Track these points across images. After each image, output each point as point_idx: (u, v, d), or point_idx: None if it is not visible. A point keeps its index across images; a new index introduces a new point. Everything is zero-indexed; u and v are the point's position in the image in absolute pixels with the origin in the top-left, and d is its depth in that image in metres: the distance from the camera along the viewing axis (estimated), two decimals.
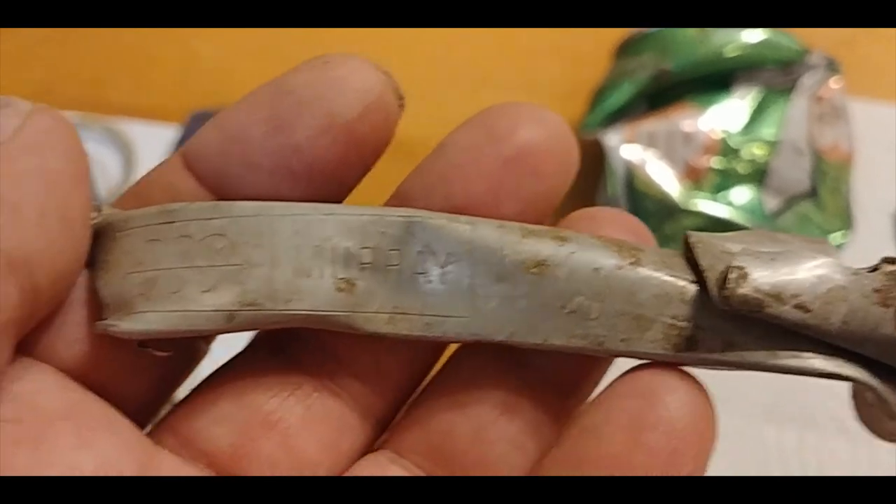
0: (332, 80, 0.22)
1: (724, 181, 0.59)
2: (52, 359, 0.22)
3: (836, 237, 0.59)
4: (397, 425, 0.24)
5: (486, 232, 0.22)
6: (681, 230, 0.58)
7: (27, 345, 0.21)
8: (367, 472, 0.23)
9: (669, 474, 0.20)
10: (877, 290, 0.21)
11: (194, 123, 0.66)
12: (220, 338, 0.24)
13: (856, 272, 0.21)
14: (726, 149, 0.59)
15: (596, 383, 0.24)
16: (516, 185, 0.23)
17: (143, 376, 0.23)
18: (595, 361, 0.24)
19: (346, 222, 0.22)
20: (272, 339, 0.24)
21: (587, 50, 0.66)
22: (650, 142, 0.59)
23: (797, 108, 0.60)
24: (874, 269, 0.21)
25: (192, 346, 0.24)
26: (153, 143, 0.65)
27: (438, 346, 0.24)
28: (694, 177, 0.59)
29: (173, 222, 0.21)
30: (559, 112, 0.23)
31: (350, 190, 0.24)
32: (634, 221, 0.24)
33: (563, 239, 0.22)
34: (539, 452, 0.23)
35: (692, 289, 0.22)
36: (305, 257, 0.21)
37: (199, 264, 0.21)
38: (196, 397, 0.24)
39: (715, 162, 0.59)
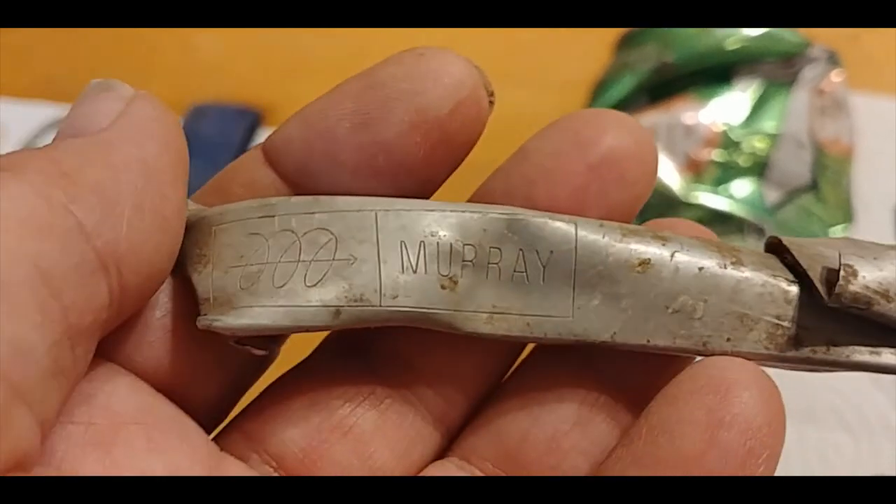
0: (424, 73, 0.21)
1: (724, 174, 0.59)
2: (124, 360, 0.21)
3: (836, 230, 0.59)
4: (466, 432, 0.24)
5: (589, 231, 0.22)
6: None
7: (100, 346, 0.20)
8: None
9: (743, 474, 0.19)
10: None
11: (194, 116, 0.66)
12: None
13: None
14: (727, 141, 0.59)
15: None
16: (600, 192, 0.22)
17: (214, 379, 0.23)
18: (669, 368, 0.23)
19: (447, 218, 0.21)
20: (343, 345, 0.24)
21: (588, 42, 0.66)
22: (651, 134, 0.59)
23: (798, 101, 0.60)
24: None
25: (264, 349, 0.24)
26: None
27: (512, 353, 0.24)
28: (695, 169, 0.59)
29: (273, 216, 0.21)
30: (561, 104, 0.23)
31: (437, 188, 0.23)
32: (707, 231, 0.24)
33: (664, 239, 0.22)
34: None
35: (794, 289, 0.22)
36: (411, 253, 0.21)
37: (304, 259, 0.21)
38: (267, 400, 0.23)
39: (716, 155, 0.59)
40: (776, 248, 0.23)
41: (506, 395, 0.24)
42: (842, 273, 0.21)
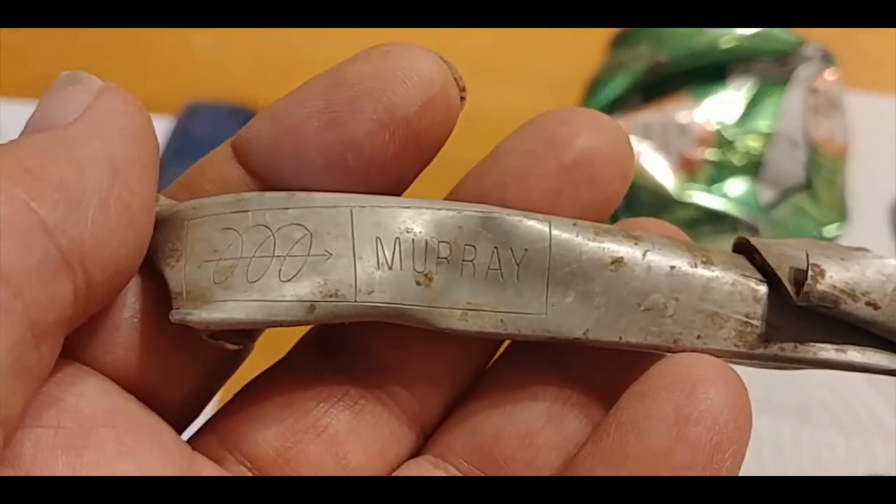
0: (391, 71, 0.21)
1: (718, 173, 0.59)
2: (92, 361, 0.21)
3: (830, 229, 0.59)
4: (440, 430, 0.24)
5: (562, 229, 0.22)
6: (675, 222, 0.57)
7: (67, 346, 0.19)
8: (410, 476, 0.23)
9: (710, 471, 0.19)
10: None
11: (188, 115, 0.66)
12: None
13: None
14: (721, 140, 0.59)
15: None
16: (574, 193, 0.22)
17: (185, 378, 0.22)
18: (639, 365, 0.23)
19: (423, 215, 0.21)
20: (318, 346, 0.24)
21: (582, 41, 0.66)
22: (645, 133, 0.59)
23: (792, 99, 0.60)
24: None
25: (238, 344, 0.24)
26: None
27: (487, 352, 0.24)
28: (689, 168, 0.59)
29: (247, 211, 0.21)
30: (555, 103, 0.23)
31: (407, 185, 0.23)
32: (677, 231, 0.24)
33: (636, 238, 0.22)
34: None
35: (762, 288, 0.22)
36: (387, 249, 0.21)
37: (278, 254, 0.21)
38: (241, 401, 0.23)
39: (710, 154, 0.59)
40: (744, 249, 0.23)
41: (480, 394, 0.24)
42: (810, 273, 0.21)
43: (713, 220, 0.58)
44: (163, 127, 0.65)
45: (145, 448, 0.20)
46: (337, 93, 0.21)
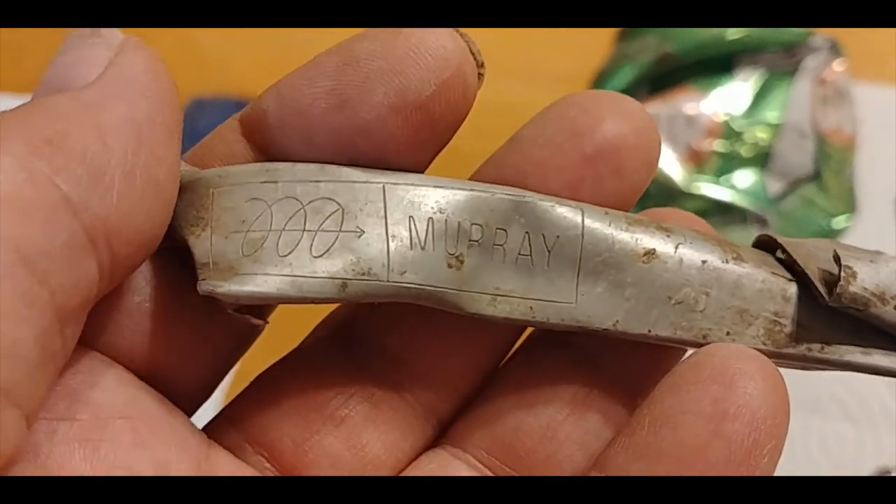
0: (403, 50, 0.20)
1: (726, 164, 0.59)
2: (105, 348, 0.20)
3: (839, 221, 0.59)
4: (459, 421, 0.23)
5: (595, 218, 0.21)
6: None
7: (81, 334, 0.19)
8: (429, 468, 0.23)
9: (747, 468, 0.19)
10: None
11: (193, 110, 0.66)
12: None
13: None
14: (729, 132, 0.59)
15: None
16: (596, 183, 0.22)
17: (198, 361, 0.22)
18: (661, 361, 0.23)
19: (456, 195, 0.21)
20: (333, 338, 0.24)
21: (589, 34, 0.66)
22: None
23: (800, 90, 0.60)
24: None
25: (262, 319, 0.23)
26: None
27: (503, 346, 0.24)
28: (696, 160, 0.59)
29: (276, 182, 0.20)
30: (559, 96, 0.22)
31: (423, 170, 0.22)
32: (703, 222, 0.23)
33: (668, 230, 0.22)
34: None
35: (792, 286, 0.22)
36: (420, 229, 0.20)
37: (309, 228, 0.20)
38: (258, 391, 0.23)
39: (718, 145, 0.59)
40: (767, 246, 0.23)
41: (499, 386, 0.23)
42: (843, 274, 0.21)
43: (721, 212, 0.58)
44: None
45: (162, 440, 0.20)
46: (347, 72, 0.20)
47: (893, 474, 0.50)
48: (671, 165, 0.58)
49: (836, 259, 0.21)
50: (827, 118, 0.60)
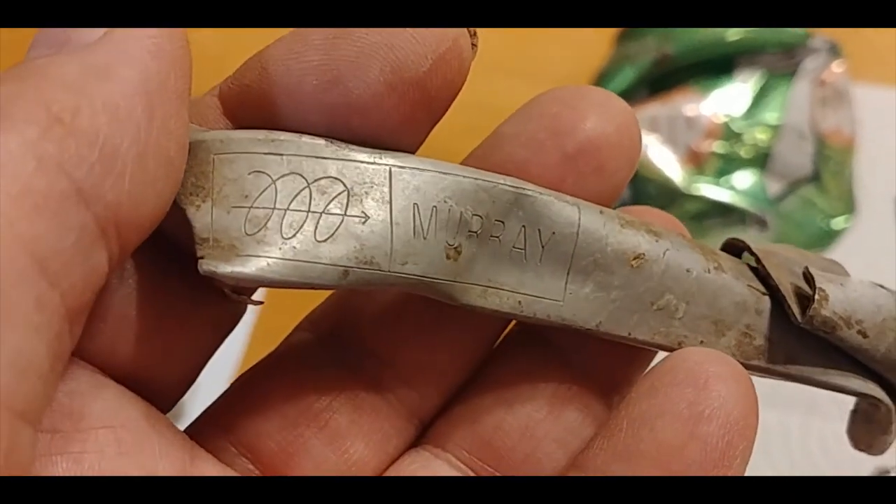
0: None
1: (726, 165, 0.59)
2: (80, 352, 0.19)
3: (838, 221, 0.59)
4: (440, 421, 0.23)
5: (592, 216, 0.21)
6: (683, 215, 0.58)
7: None
8: (410, 468, 0.23)
9: (721, 468, 0.19)
10: None
11: None
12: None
13: None
14: (729, 133, 0.59)
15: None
16: (578, 182, 0.21)
17: (173, 357, 0.21)
18: (638, 360, 0.23)
19: (461, 184, 0.20)
20: (315, 338, 0.23)
21: (589, 35, 0.66)
22: (652, 126, 0.59)
23: (800, 91, 0.60)
24: None
25: (233, 311, 0.22)
26: None
27: (485, 346, 0.24)
28: (696, 161, 0.59)
29: (281, 155, 0.19)
30: None
31: (416, 149, 0.21)
32: (680, 224, 0.23)
33: (656, 234, 0.22)
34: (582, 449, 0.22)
35: (765, 301, 0.22)
36: (423, 217, 0.20)
37: (314, 210, 0.19)
38: (241, 392, 0.23)
39: (717, 146, 0.59)
40: (735, 250, 0.23)
41: (479, 386, 0.23)
42: (816, 297, 0.21)
43: (721, 213, 0.58)
44: None
45: (146, 446, 0.19)
46: (338, 46, 0.19)
47: (893, 474, 0.50)
48: (671, 167, 0.59)
49: (809, 279, 0.22)
50: (826, 119, 0.60)
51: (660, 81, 0.60)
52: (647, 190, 0.58)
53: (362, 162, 0.19)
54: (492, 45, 0.74)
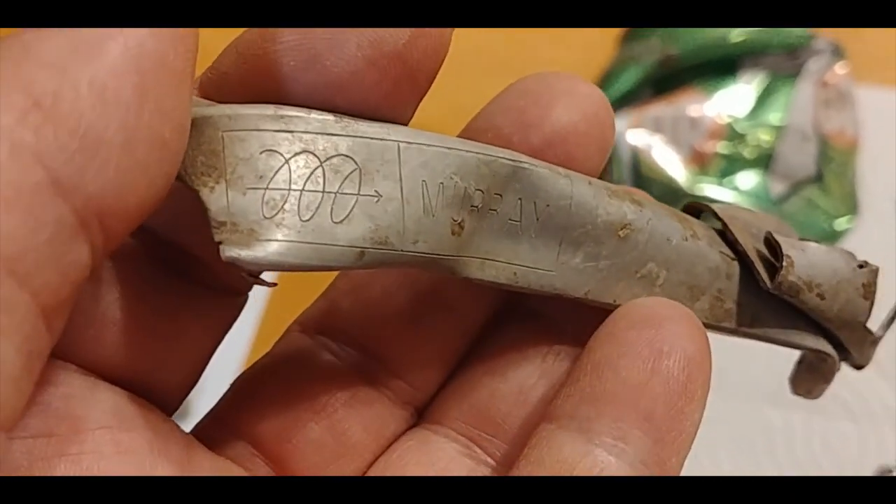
0: None
1: (730, 166, 0.59)
2: (72, 359, 0.19)
3: (841, 222, 0.59)
4: (436, 400, 0.24)
5: (583, 188, 0.21)
6: None
7: None
8: (408, 444, 0.23)
9: (684, 400, 0.20)
10: (864, 285, 0.24)
11: None
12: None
13: (854, 268, 0.24)
14: (732, 134, 0.59)
15: None
16: None
17: (171, 359, 0.21)
18: None
19: (465, 159, 0.20)
20: (309, 334, 0.24)
21: (592, 36, 0.66)
22: (656, 127, 0.59)
23: (803, 93, 0.60)
24: (862, 265, 0.24)
25: (233, 303, 0.22)
26: None
27: (475, 326, 0.24)
28: (700, 162, 0.59)
29: (291, 132, 0.18)
30: None
31: (405, 124, 0.20)
32: (649, 197, 0.24)
33: (639, 203, 0.22)
34: None
35: (735, 266, 0.23)
36: (432, 195, 0.20)
37: (328, 190, 0.19)
38: (240, 389, 0.23)
39: (721, 147, 0.59)
40: (693, 211, 0.25)
41: (472, 362, 0.24)
42: (784, 263, 0.23)
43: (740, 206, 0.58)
44: None
45: (144, 445, 0.19)
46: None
47: (895, 474, 0.50)
48: (675, 167, 0.59)
49: (775, 244, 0.23)
50: (829, 120, 0.61)
51: (664, 82, 0.60)
52: (650, 190, 0.58)
53: (372, 138, 0.19)
54: (494, 46, 0.74)
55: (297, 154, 0.19)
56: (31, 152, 0.14)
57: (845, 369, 0.26)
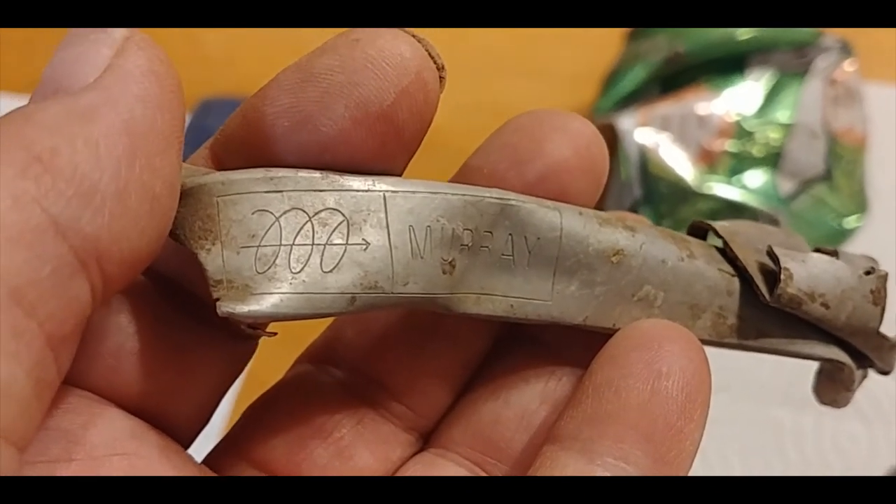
0: (361, 62, 0.19)
1: (738, 164, 0.59)
2: (93, 389, 0.20)
3: (850, 221, 0.59)
4: (441, 427, 0.24)
5: (572, 219, 0.22)
6: (695, 214, 0.57)
7: (69, 376, 0.18)
8: (414, 469, 0.23)
9: (683, 419, 0.20)
10: (872, 291, 0.24)
11: (202, 112, 0.66)
12: None
13: (860, 275, 0.24)
14: (741, 132, 0.59)
15: None
16: None
17: (189, 392, 0.22)
18: None
19: (450, 202, 0.21)
20: (315, 365, 0.25)
21: (599, 33, 0.66)
22: (664, 125, 0.59)
23: (811, 90, 0.60)
24: (869, 272, 0.24)
25: (244, 347, 0.23)
26: None
27: (477, 354, 0.25)
28: (708, 160, 0.59)
29: (281, 192, 0.20)
30: (572, 96, 0.23)
31: (398, 175, 0.22)
32: (647, 221, 0.25)
33: (631, 229, 0.23)
34: None
35: (735, 282, 0.24)
36: (419, 238, 0.21)
37: (318, 242, 0.20)
38: (248, 419, 0.24)
39: (729, 145, 0.59)
40: (698, 231, 0.25)
41: (476, 389, 0.24)
42: (782, 276, 0.23)
43: (733, 212, 0.58)
44: None
45: (158, 472, 0.20)
46: (306, 89, 0.20)
47: None
48: (683, 166, 0.58)
49: (774, 258, 0.23)
50: (838, 118, 0.60)
51: (671, 80, 0.60)
52: (658, 189, 0.58)
53: (357, 190, 0.21)
54: (501, 44, 0.74)
55: (286, 212, 0.20)
56: (31, 198, 0.16)
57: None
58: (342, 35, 0.20)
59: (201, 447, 0.24)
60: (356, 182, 0.21)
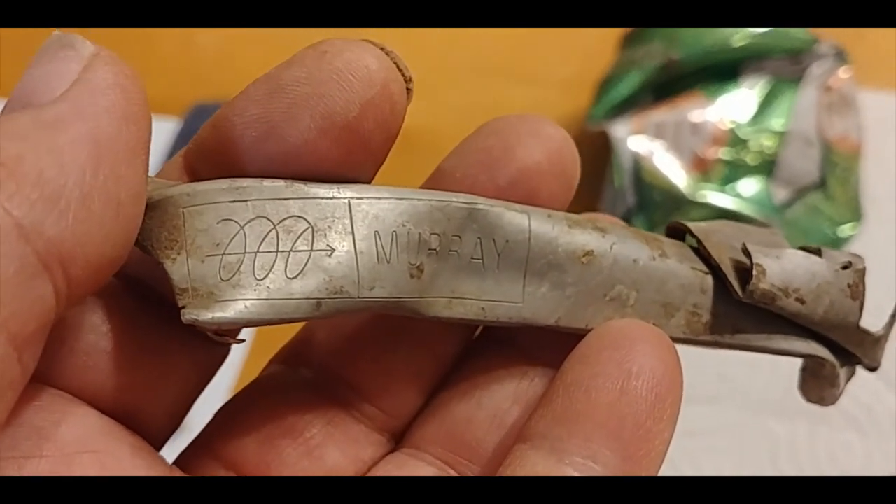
0: (327, 74, 0.20)
1: (732, 172, 0.59)
2: (65, 387, 0.21)
3: (845, 228, 0.59)
4: (413, 426, 0.25)
5: (541, 221, 0.22)
6: (689, 222, 0.57)
7: (38, 373, 0.18)
8: (385, 469, 0.24)
9: (652, 419, 0.20)
10: (850, 286, 0.24)
11: (195, 116, 0.66)
12: None
13: (836, 269, 0.24)
14: (735, 139, 0.59)
15: None
16: None
17: (161, 392, 0.22)
18: None
19: (416, 207, 0.22)
20: (288, 367, 0.25)
21: (593, 39, 0.66)
22: (658, 132, 0.59)
23: (806, 98, 0.60)
24: (846, 266, 0.24)
25: (217, 351, 0.24)
26: (154, 136, 0.64)
27: (450, 355, 0.25)
28: (702, 168, 0.58)
29: (246, 201, 0.20)
30: (565, 103, 0.23)
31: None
32: (621, 223, 0.25)
33: (602, 230, 0.23)
34: None
35: (708, 279, 0.24)
36: (385, 243, 0.21)
37: (282, 249, 0.21)
38: (221, 420, 0.24)
39: (723, 153, 0.58)
40: (676, 232, 0.25)
41: (448, 390, 0.25)
42: (754, 272, 0.23)
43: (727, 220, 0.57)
44: (171, 128, 0.65)
45: (128, 471, 0.20)
46: (273, 100, 0.20)
47: None
48: (676, 173, 0.58)
49: (747, 254, 0.24)
50: (833, 126, 0.60)
51: (665, 87, 0.60)
52: (651, 196, 0.58)
53: (322, 198, 0.21)
54: (495, 50, 0.74)
55: (251, 220, 0.20)
56: None
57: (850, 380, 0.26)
58: (311, 47, 0.21)
59: None
60: (321, 190, 0.21)
